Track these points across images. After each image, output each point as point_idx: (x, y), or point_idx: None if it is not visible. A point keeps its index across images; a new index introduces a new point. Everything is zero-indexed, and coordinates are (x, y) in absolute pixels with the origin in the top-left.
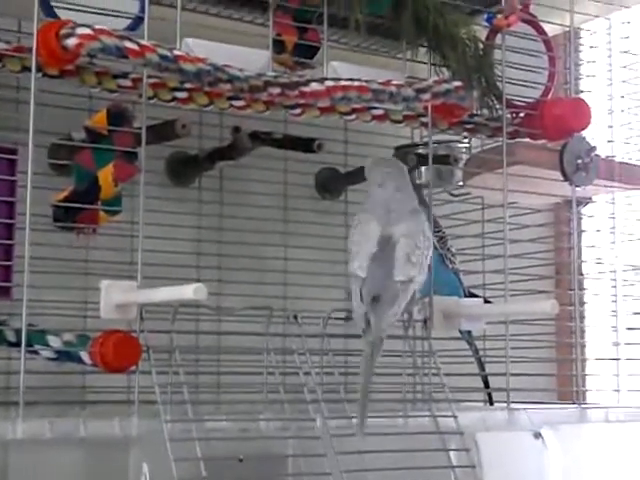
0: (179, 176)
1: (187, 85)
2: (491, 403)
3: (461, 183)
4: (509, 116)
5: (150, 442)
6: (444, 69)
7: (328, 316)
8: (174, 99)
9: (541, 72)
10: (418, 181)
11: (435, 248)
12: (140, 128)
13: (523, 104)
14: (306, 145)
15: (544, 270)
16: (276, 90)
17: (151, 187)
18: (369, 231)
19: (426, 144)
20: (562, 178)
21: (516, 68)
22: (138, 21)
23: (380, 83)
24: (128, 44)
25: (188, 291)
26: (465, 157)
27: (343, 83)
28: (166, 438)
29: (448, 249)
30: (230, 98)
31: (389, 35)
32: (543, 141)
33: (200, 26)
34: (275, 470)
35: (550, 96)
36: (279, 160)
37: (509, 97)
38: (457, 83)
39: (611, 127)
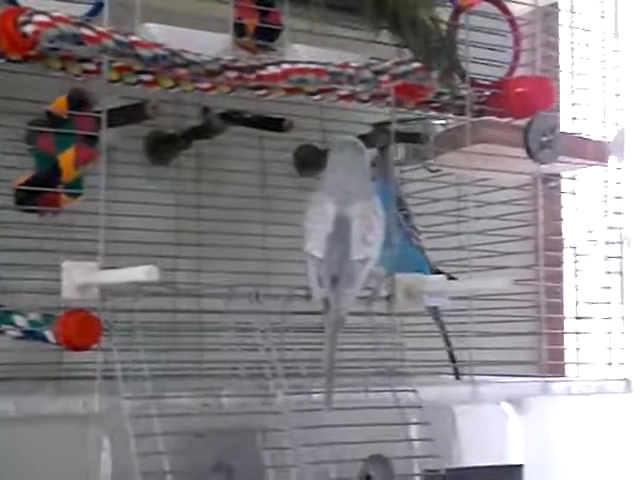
0: (157, 155)
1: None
2: (457, 377)
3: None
4: (474, 94)
5: (111, 418)
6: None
7: (290, 294)
8: (139, 82)
9: (507, 51)
10: (395, 158)
11: (400, 225)
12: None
13: (487, 83)
14: (275, 124)
15: (523, 245)
16: (233, 74)
17: (130, 166)
18: (324, 211)
19: (404, 121)
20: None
21: (480, 47)
22: (99, 7)
23: (338, 65)
24: (85, 31)
25: (139, 273)
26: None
27: (300, 66)
28: (125, 414)
29: (413, 226)
30: (194, 80)
31: (354, 12)
32: (509, 119)
33: (161, 11)
34: (236, 444)
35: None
36: (257, 138)
37: (474, 76)
38: (416, 64)
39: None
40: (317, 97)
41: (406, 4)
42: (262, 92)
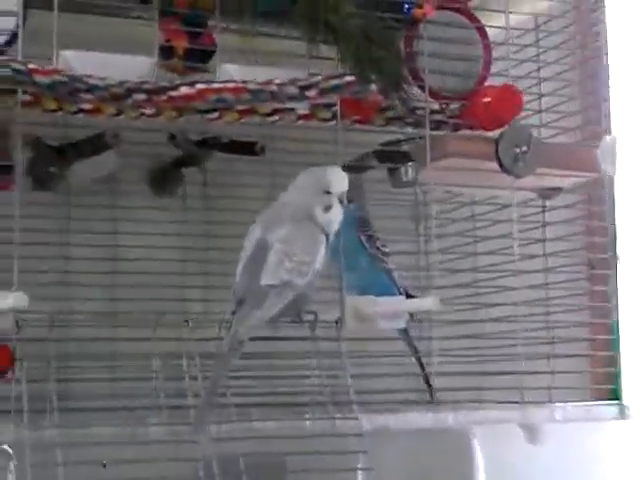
0: (159, 186)
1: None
2: (432, 401)
3: None
4: (437, 107)
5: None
6: None
7: (223, 320)
8: (80, 111)
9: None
10: (405, 179)
11: (364, 248)
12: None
13: (452, 95)
14: (249, 148)
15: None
16: (141, 96)
17: (136, 196)
18: (252, 237)
19: (411, 139)
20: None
21: (444, 58)
22: (14, 37)
23: (259, 83)
24: None
25: (10, 300)
26: None
27: (216, 85)
28: (26, 444)
29: (377, 248)
30: (139, 107)
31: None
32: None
33: (83, 37)
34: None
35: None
36: (267, 164)
37: (436, 88)
38: (349, 78)
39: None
40: (274, 118)
41: (340, 15)
42: (214, 115)
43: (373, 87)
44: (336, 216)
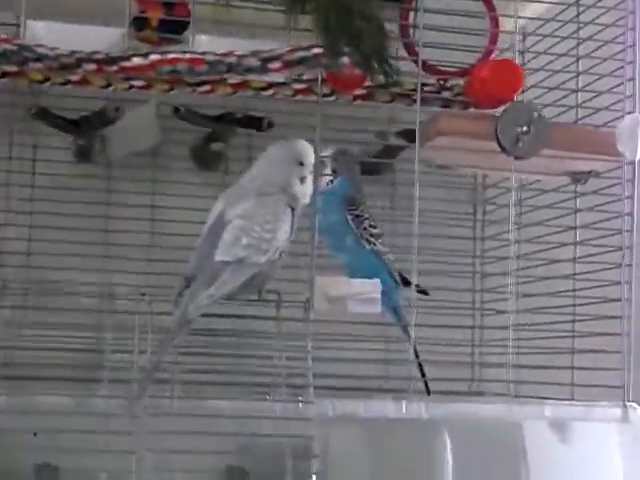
0: (202, 161)
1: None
2: (428, 393)
3: None
4: (436, 82)
5: None
6: None
7: (179, 293)
8: (68, 82)
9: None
10: None
11: (351, 228)
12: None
13: (449, 70)
14: (257, 124)
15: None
16: (91, 66)
17: (178, 172)
18: (213, 212)
19: None
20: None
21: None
22: None
23: (218, 54)
24: None
25: None
26: None
27: (171, 56)
28: None
29: (364, 229)
30: (128, 79)
31: None
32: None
33: (52, 6)
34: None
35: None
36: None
37: (435, 63)
38: (316, 50)
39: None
40: (269, 92)
41: None
42: (205, 88)
43: (345, 60)
44: (309, 188)
